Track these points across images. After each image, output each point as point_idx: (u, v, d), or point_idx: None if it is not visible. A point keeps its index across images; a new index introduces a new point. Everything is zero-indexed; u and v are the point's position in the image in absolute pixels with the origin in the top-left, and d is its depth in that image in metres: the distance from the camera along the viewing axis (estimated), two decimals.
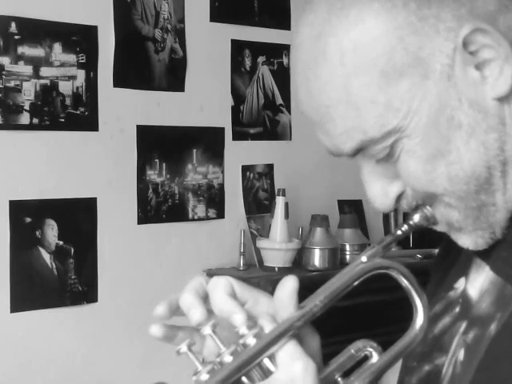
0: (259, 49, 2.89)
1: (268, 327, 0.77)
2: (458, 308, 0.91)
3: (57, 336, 2.44)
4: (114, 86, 2.54)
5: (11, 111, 2.34)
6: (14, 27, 2.34)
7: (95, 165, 2.51)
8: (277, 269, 2.67)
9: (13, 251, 2.34)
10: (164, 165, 2.66)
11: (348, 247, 2.87)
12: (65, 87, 2.43)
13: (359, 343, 0.84)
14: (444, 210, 0.83)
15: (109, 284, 2.53)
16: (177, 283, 2.52)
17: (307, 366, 0.75)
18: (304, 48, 0.81)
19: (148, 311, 0.84)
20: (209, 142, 2.77)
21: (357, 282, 0.81)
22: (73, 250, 2.46)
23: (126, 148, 2.58)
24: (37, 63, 2.38)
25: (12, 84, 2.33)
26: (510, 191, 0.82)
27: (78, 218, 2.48)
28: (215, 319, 0.78)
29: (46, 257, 2.41)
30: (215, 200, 2.79)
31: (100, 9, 2.51)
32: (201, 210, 2.75)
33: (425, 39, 0.77)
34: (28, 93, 2.36)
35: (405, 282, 0.81)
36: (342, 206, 3.07)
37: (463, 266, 0.93)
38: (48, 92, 2.40)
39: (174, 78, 2.68)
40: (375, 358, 0.82)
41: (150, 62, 2.63)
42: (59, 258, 2.43)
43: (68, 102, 2.44)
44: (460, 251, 0.91)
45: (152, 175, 2.63)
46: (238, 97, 2.84)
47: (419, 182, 0.81)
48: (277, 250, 2.68)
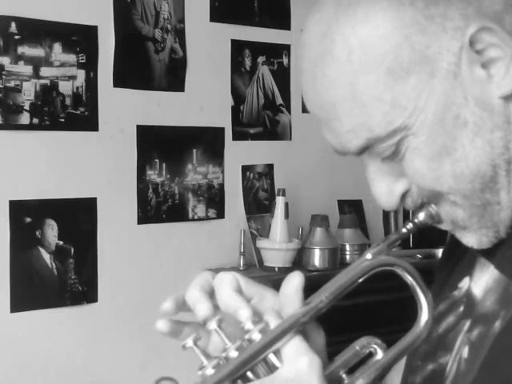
0: (259, 49, 2.89)
1: (273, 323, 0.77)
2: (463, 307, 0.91)
3: (57, 336, 2.44)
4: (114, 86, 2.54)
5: (11, 111, 2.34)
6: (13, 27, 2.34)
7: (95, 165, 2.51)
8: (277, 269, 2.67)
9: (13, 251, 2.34)
10: (164, 165, 2.66)
11: (348, 247, 2.87)
12: (65, 87, 2.43)
13: (364, 340, 0.84)
14: (449, 209, 0.83)
15: (109, 284, 2.53)
16: (177, 283, 2.52)
17: (312, 362, 0.75)
18: (311, 46, 0.81)
19: (148, 311, 0.84)
20: (209, 142, 2.77)
21: (362, 279, 0.81)
22: (73, 250, 2.46)
23: (125, 148, 2.58)
24: (37, 63, 2.38)
25: (12, 84, 2.34)
26: None
27: (78, 218, 2.48)
28: (221, 314, 0.79)
29: (46, 257, 2.41)
30: (215, 200, 2.79)
31: (100, 9, 2.51)
32: (201, 210, 2.75)
33: (432, 38, 0.77)
34: (28, 93, 2.36)
35: (410, 279, 0.81)
36: (342, 206, 3.08)
37: (467, 265, 0.93)
38: (48, 92, 2.40)
39: (173, 77, 2.68)
40: (380, 355, 0.83)
41: (150, 61, 2.63)
42: (59, 258, 2.43)
43: (68, 101, 2.44)
44: (464, 251, 0.91)
45: (152, 175, 2.63)
46: (238, 97, 2.84)
47: (424, 179, 0.81)
48: (277, 250, 2.68)
